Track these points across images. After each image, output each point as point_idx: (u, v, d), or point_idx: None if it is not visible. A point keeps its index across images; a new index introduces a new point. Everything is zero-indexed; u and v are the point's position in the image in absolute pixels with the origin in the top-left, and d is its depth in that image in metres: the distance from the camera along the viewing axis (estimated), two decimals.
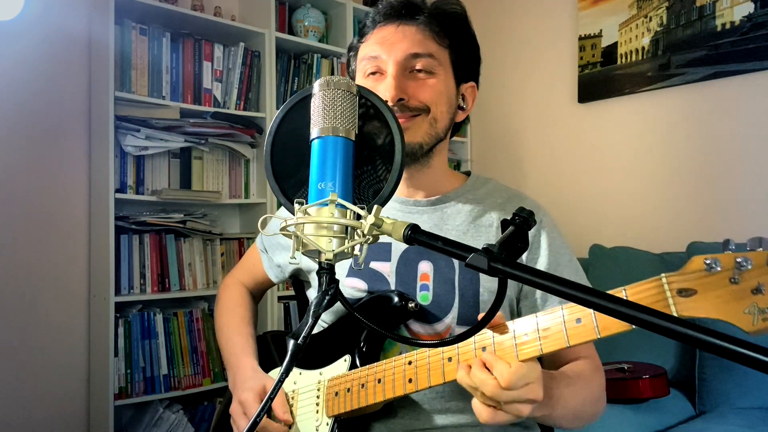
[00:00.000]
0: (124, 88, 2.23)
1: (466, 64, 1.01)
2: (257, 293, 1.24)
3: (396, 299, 0.93)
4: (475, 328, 0.57)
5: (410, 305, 0.92)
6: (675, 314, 0.60)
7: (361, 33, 1.01)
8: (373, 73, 0.96)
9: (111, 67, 2.13)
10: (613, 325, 0.66)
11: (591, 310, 0.67)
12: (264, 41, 2.54)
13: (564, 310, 0.72)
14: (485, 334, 0.77)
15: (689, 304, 0.59)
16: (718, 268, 0.58)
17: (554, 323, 0.72)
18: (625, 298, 0.62)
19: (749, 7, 2.12)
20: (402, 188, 1.02)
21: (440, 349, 0.80)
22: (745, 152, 2.15)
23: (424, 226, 0.99)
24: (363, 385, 0.88)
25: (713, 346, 0.39)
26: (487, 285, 0.95)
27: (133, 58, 2.26)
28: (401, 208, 1.03)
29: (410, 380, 0.83)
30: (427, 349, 0.82)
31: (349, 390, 0.90)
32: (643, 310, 0.42)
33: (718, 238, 2.03)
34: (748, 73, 2.13)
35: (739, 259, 0.56)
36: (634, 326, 0.60)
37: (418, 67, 0.94)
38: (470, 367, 0.75)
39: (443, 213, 1.01)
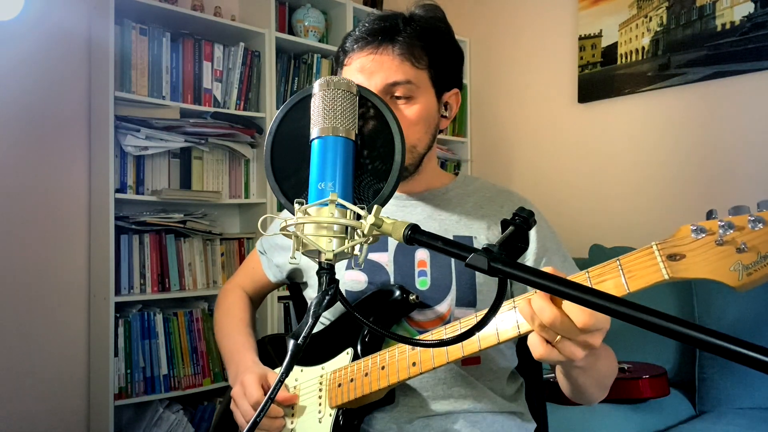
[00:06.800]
0: (124, 88, 2.23)
1: (447, 75, 1.02)
2: (256, 298, 1.27)
3: (397, 293, 0.95)
4: (476, 327, 0.57)
5: (411, 298, 0.94)
6: (666, 277, 0.64)
7: (343, 50, 1.00)
8: None
9: (111, 67, 2.13)
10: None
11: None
12: (264, 41, 2.54)
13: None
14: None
15: (679, 266, 0.63)
16: (704, 234, 0.61)
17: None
18: (619, 268, 0.67)
19: (749, 7, 2.12)
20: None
21: (442, 329, 0.81)
22: (745, 152, 2.15)
23: (419, 217, 1.04)
24: (366, 374, 0.89)
25: (713, 346, 0.39)
26: None
27: (133, 58, 2.26)
28: (395, 203, 1.06)
29: (414, 363, 0.83)
30: (429, 332, 0.82)
31: (352, 380, 0.91)
32: (644, 311, 0.42)
33: None
34: (748, 73, 2.13)
35: (722, 224, 0.60)
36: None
37: (397, 94, 0.95)
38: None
39: (435, 204, 1.05)
